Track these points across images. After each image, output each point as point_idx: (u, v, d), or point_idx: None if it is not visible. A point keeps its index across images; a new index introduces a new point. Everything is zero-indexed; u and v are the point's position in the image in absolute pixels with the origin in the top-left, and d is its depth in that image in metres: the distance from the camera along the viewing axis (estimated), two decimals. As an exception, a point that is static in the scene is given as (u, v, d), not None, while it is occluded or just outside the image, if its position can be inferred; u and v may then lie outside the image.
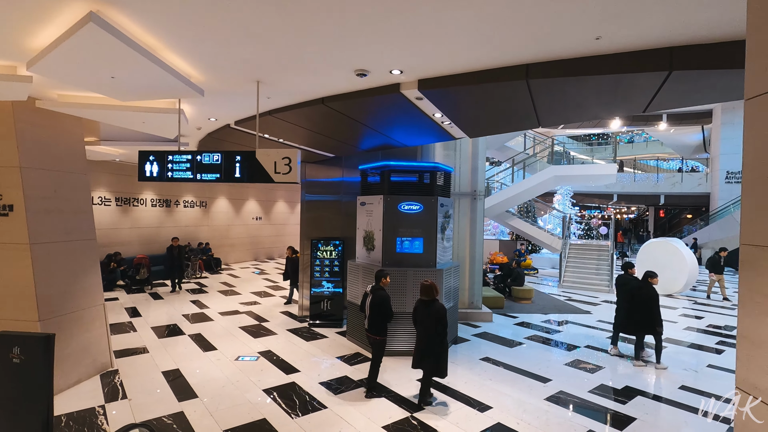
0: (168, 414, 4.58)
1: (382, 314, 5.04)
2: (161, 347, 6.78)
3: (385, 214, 6.68)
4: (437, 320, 4.67)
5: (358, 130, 5.99)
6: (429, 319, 4.72)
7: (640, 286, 6.47)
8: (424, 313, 4.79)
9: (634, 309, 6.39)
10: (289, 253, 10.18)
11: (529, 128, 5.06)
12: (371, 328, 5.16)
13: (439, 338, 4.68)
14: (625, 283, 6.75)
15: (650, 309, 6.19)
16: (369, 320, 5.15)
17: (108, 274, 11.28)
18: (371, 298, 5.16)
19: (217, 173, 4.45)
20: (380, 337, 5.15)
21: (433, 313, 4.70)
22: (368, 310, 5.18)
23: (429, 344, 4.74)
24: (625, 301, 6.62)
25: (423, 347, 4.79)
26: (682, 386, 5.62)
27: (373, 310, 5.09)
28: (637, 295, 6.38)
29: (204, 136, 7.32)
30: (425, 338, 4.77)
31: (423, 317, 4.79)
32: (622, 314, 6.69)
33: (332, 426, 4.40)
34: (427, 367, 4.81)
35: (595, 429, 4.43)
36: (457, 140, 8.91)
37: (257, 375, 5.72)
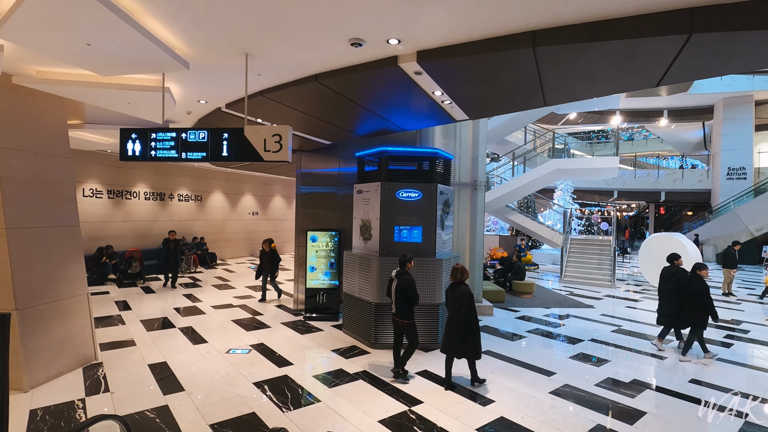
0: (151, 408, 4.32)
1: (409, 298, 5.10)
2: (149, 340, 6.52)
3: (383, 202, 6.42)
4: (462, 302, 4.75)
5: (354, 113, 5.72)
6: (455, 301, 4.85)
7: (689, 278, 6.25)
8: (452, 296, 4.92)
9: (685, 302, 6.17)
10: (266, 247, 9.43)
11: (534, 107, 4.81)
12: (398, 312, 5.20)
13: (464, 320, 4.76)
14: (672, 275, 6.51)
15: (700, 301, 5.96)
16: (396, 305, 5.19)
17: (99, 267, 11.02)
18: (397, 283, 5.18)
19: (203, 152, 4.18)
20: (408, 321, 5.19)
21: (458, 296, 4.80)
22: (394, 294, 5.20)
23: (457, 326, 4.84)
24: (670, 293, 6.41)
25: (451, 330, 4.92)
26: (692, 380, 5.38)
27: (400, 295, 5.13)
28: (687, 287, 6.16)
29: (195, 122, 7.05)
30: (453, 321, 4.89)
31: (451, 300, 4.93)
32: (668, 307, 6.46)
33: (325, 420, 4.15)
34: (456, 350, 4.90)
35: (603, 423, 4.19)
36: (457, 129, 8.67)
37: (248, 368, 5.47)
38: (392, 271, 5.39)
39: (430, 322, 6.33)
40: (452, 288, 4.98)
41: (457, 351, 4.91)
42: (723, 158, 21.53)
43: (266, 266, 9.39)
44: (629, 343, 6.87)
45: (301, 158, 8.81)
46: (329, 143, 7.94)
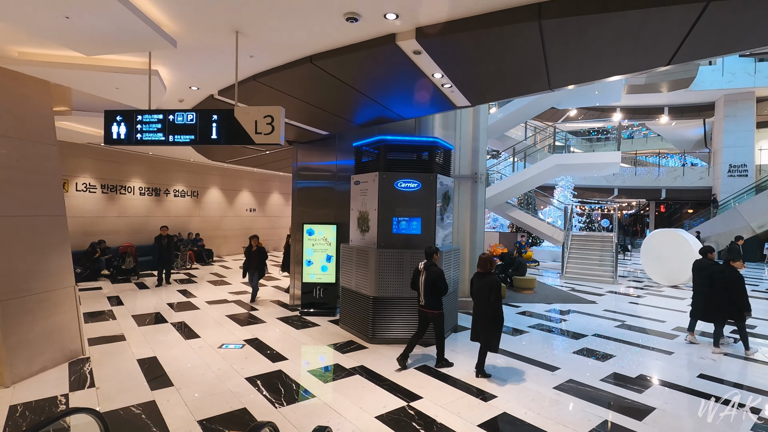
0: (138, 403, 4.13)
1: (438, 289, 5.10)
2: (140, 335, 6.32)
3: (381, 193, 6.22)
4: (490, 291, 4.77)
5: (351, 99, 5.53)
6: (482, 290, 4.84)
7: (721, 270, 6.11)
8: (479, 285, 4.91)
9: (713, 294, 6.06)
10: (254, 244, 8.87)
11: (538, 90, 4.62)
12: (427, 303, 5.18)
13: (491, 309, 4.78)
14: (704, 268, 6.40)
15: (734, 293, 5.83)
16: (424, 296, 5.18)
17: (92, 263, 10.80)
18: (425, 275, 5.16)
19: (191, 135, 3.98)
20: (437, 311, 5.19)
21: (486, 285, 4.82)
22: (423, 286, 5.18)
23: (483, 315, 4.85)
24: (702, 286, 6.31)
25: (478, 319, 4.93)
26: (701, 374, 5.19)
27: (428, 286, 5.12)
28: (719, 280, 6.03)
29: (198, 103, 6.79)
30: (480, 310, 4.91)
31: (478, 289, 4.92)
32: (700, 300, 6.36)
33: (320, 416, 3.96)
34: (483, 339, 4.90)
35: (611, 419, 4.00)
36: (457, 120, 8.48)
37: (241, 363, 5.27)
38: (419, 263, 5.36)
39: (429, 316, 6.13)
40: (479, 277, 4.99)
41: (482, 338, 4.91)
42: (724, 155, 21.37)
43: (254, 264, 8.79)
44: (634, 338, 6.69)
45: (297, 152, 8.61)
46: (326, 134, 7.74)
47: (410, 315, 6.09)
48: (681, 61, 3.71)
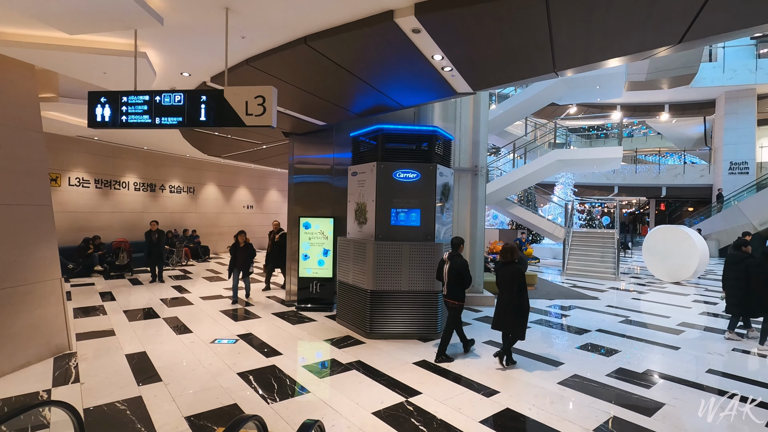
0: (123, 399, 3.94)
1: (462, 279, 5.08)
2: (130, 330, 6.13)
3: (379, 183, 6.04)
4: (514, 280, 4.78)
5: (347, 85, 5.34)
6: (507, 279, 4.85)
7: (758, 263, 5.99)
8: (503, 275, 4.92)
9: (754, 288, 5.93)
10: (242, 240, 8.18)
11: (542, 73, 4.44)
12: (449, 293, 5.18)
13: (516, 298, 4.78)
14: (738, 261, 6.26)
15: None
16: (447, 286, 5.19)
17: (85, 258, 10.60)
18: (449, 265, 5.17)
19: (179, 117, 3.80)
20: (459, 302, 5.17)
21: (509, 274, 4.83)
22: (446, 276, 5.19)
23: (508, 304, 4.85)
24: (737, 281, 6.17)
25: (502, 308, 4.93)
26: (709, 370, 5.02)
27: (452, 277, 5.11)
28: (757, 273, 5.90)
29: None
30: (504, 300, 4.91)
31: (502, 279, 4.93)
32: (736, 296, 6.19)
33: (314, 412, 3.77)
34: (507, 328, 4.90)
35: (618, 414, 3.82)
36: (457, 111, 8.30)
37: (233, 358, 5.08)
38: (444, 253, 5.43)
39: (428, 310, 5.95)
40: (502, 267, 5.00)
41: (508, 327, 4.90)
42: (725, 153, 21.24)
43: (241, 262, 8.12)
44: (638, 333, 6.51)
45: (293, 145, 8.42)
46: (323, 125, 7.55)
47: (409, 309, 5.91)
48: (692, 39, 3.53)
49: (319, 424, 2.10)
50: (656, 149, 30.43)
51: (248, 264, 8.26)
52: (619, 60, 4.13)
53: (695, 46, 3.89)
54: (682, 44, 3.62)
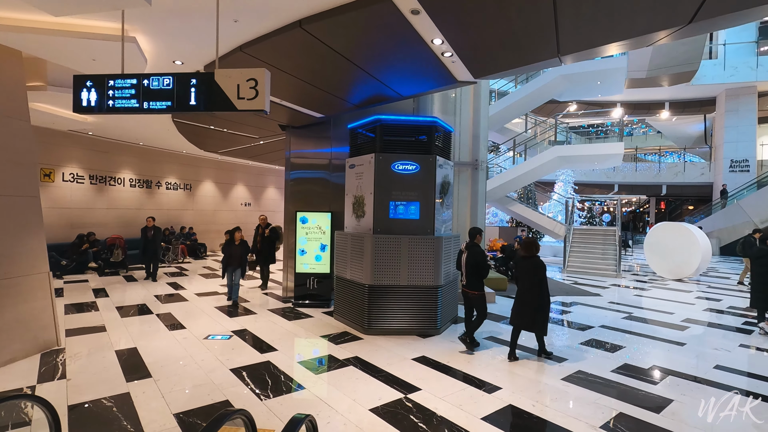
0: (110, 395, 3.78)
1: (480, 269, 5.09)
2: (122, 326, 5.97)
3: (377, 175, 5.89)
4: (536, 274, 4.75)
5: (344, 73, 5.19)
6: (528, 273, 4.81)
7: None
8: (524, 268, 4.88)
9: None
10: (238, 237, 7.49)
11: (546, 58, 4.29)
12: (468, 283, 5.18)
13: (537, 292, 4.75)
14: (763, 255, 6.31)
15: None
16: (466, 277, 5.19)
17: (79, 255, 10.43)
18: (467, 255, 5.19)
19: (168, 101, 3.64)
20: (479, 292, 5.17)
21: (531, 267, 4.80)
22: (465, 267, 5.20)
23: (528, 298, 4.81)
24: (763, 275, 6.24)
25: (522, 302, 4.88)
26: (717, 365, 4.88)
27: (471, 267, 5.12)
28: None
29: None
30: (524, 293, 4.87)
31: (523, 272, 4.88)
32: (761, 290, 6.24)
33: (309, 408, 3.62)
34: (526, 322, 4.86)
35: (626, 411, 3.67)
36: (457, 104, 8.15)
37: (227, 354, 4.93)
38: (462, 243, 5.45)
39: (428, 306, 5.80)
40: (523, 261, 4.94)
41: (528, 324, 4.85)
42: (725, 150, 21.12)
43: (236, 261, 7.43)
44: (643, 329, 6.37)
45: (290, 139, 8.26)
46: (320, 117, 7.39)
47: (408, 305, 5.76)
48: (703, 19, 3.38)
49: (311, 419, 1.95)
50: (656, 147, 30.34)
51: (244, 263, 7.60)
52: (624, 44, 3.98)
53: (704, 30, 3.75)
54: (691, 25, 3.47)
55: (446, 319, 6.14)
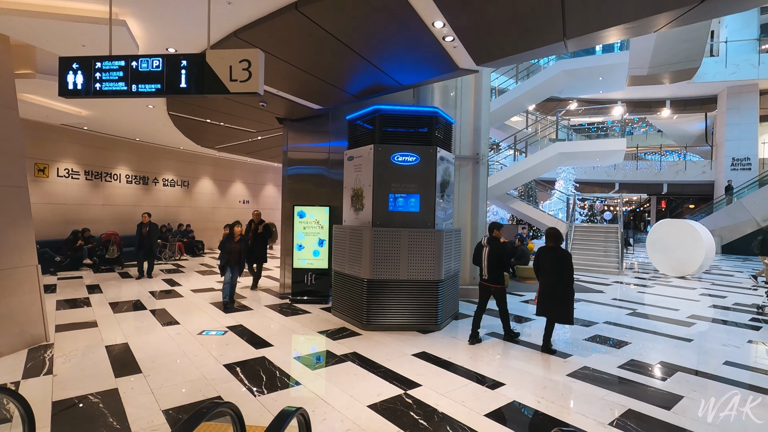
0: (97, 391, 3.62)
1: (502, 262, 5.14)
2: (114, 322, 5.81)
3: (376, 167, 5.74)
4: (563, 264, 4.72)
5: (342, 60, 5.03)
6: (555, 264, 4.76)
7: None
8: (549, 259, 4.85)
9: None
10: (239, 233, 6.97)
11: (551, 42, 4.14)
12: (490, 277, 5.21)
13: (564, 282, 4.73)
14: None
15: None
16: (488, 270, 5.22)
17: (74, 251, 10.26)
18: (489, 249, 5.23)
19: (157, 83, 3.48)
20: (500, 285, 5.22)
21: (557, 258, 4.76)
22: (486, 260, 5.22)
23: (555, 289, 4.79)
24: None
25: (548, 293, 4.84)
26: (726, 362, 4.73)
27: (493, 260, 5.16)
28: None
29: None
30: (550, 284, 4.83)
31: (548, 263, 4.85)
32: None
33: (304, 405, 3.46)
34: (553, 313, 4.82)
35: (635, 408, 3.52)
36: (458, 96, 8.00)
37: (221, 349, 4.77)
38: (482, 237, 5.42)
39: (428, 301, 5.65)
40: (549, 251, 4.90)
41: (556, 313, 4.80)
42: (727, 148, 20.98)
43: (236, 258, 6.87)
44: (648, 326, 6.22)
45: (288, 133, 8.11)
46: (318, 109, 7.23)
47: (408, 299, 5.61)
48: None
49: (302, 413, 1.80)
50: (657, 146, 30.21)
51: (243, 261, 7.11)
52: (632, 26, 3.82)
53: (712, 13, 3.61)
54: (704, 4, 3.32)
55: (447, 314, 5.99)
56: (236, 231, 6.98)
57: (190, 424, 1.60)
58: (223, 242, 7.01)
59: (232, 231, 6.98)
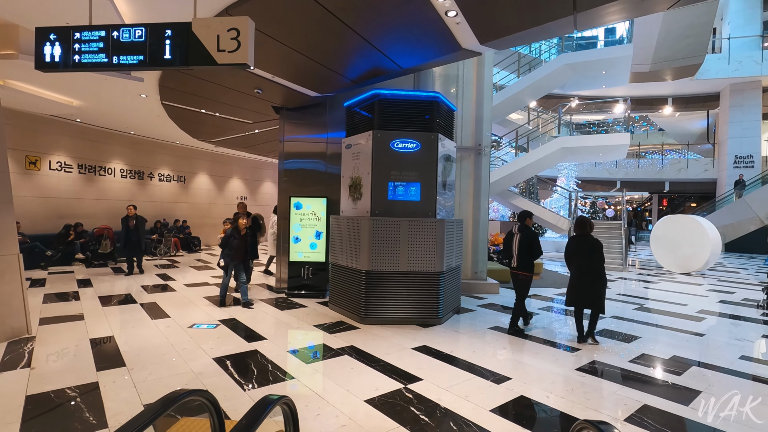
0: (76, 385, 3.39)
1: (533, 250, 5.16)
2: (101, 315, 5.58)
3: (375, 154, 5.51)
4: (594, 251, 4.70)
5: (340, 40, 4.80)
6: (586, 251, 4.73)
7: None
8: (580, 247, 4.81)
9: None
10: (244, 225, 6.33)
11: (560, 16, 3.91)
12: (520, 265, 5.22)
13: (596, 270, 4.71)
14: None
15: None
16: (518, 258, 5.23)
17: (65, 246, 10.02)
18: (519, 237, 5.24)
19: (140, 55, 3.25)
20: (529, 274, 5.22)
21: (589, 245, 4.74)
22: (516, 248, 5.24)
23: (586, 277, 4.74)
24: None
25: (579, 282, 4.79)
26: (742, 356, 4.50)
27: (524, 248, 5.17)
28: None
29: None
30: (581, 273, 4.79)
31: (579, 252, 4.80)
32: None
33: (296, 399, 3.20)
34: (584, 301, 4.79)
35: (651, 403, 3.29)
36: (459, 85, 7.77)
37: (211, 343, 4.54)
38: (513, 226, 5.41)
39: (429, 293, 5.42)
40: (580, 239, 4.87)
41: (592, 301, 4.74)
42: (730, 146, 20.78)
43: (241, 254, 6.24)
44: (657, 320, 6.00)
45: (284, 125, 7.87)
46: (316, 97, 7.01)
47: (408, 292, 5.38)
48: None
49: (286, 401, 1.57)
50: (659, 145, 30.00)
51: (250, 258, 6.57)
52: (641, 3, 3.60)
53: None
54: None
55: (448, 308, 5.76)
56: (241, 224, 6.26)
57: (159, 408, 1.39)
58: (227, 237, 6.25)
59: (236, 224, 6.28)
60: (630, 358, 4.34)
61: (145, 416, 1.28)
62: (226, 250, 6.21)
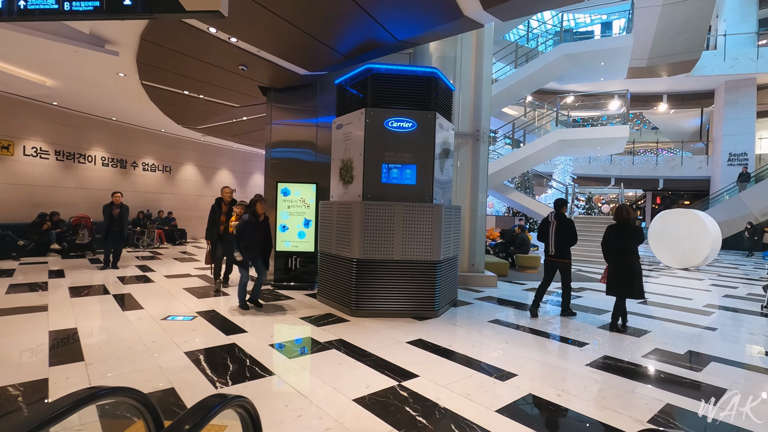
0: (21, 382, 2.95)
1: (570, 237, 5.21)
2: (68, 306, 5.11)
3: (368, 133, 5.10)
4: (634, 238, 4.66)
5: (332, 4, 4.38)
6: (624, 239, 4.68)
7: None
8: (618, 235, 4.76)
9: None
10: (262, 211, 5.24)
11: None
12: (557, 252, 5.28)
13: (635, 258, 4.67)
14: None
15: None
16: (555, 245, 5.28)
17: (40, 236, 9.47)
18: (556, 225, 5.28)
19: (95, 1, 2.80)
20: (567, 260, 5.29)
21: (629, 232, 4.69)
22: (553, 236, 5.29)
23: (625, 265, 4.67)
24: None
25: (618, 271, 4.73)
26: (767, 352, 4.19)
27: (561, 235, 5.21)
28: None
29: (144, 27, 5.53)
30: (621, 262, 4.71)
31: (617, 240, 4.75)
32: None
33: (275, 398, 2.83)
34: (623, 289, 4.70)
35: (674, 402, 2.94)
36: (457, 68, 7.38)
37: (185, 336, 4.11)
38: (549, 214, 5.44)
39: (425, 284, 5.03)
40: (618, 228, 4.81)
41: (634, 290, 4.65)
42: (724, 143, 20.71)
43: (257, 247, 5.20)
44: (665, 314, 5.69)
45: (272, 108, 7.43)
46: (305, 75, 6.58)
47: (402, 282, 4.99)
48: None
49: (242, 404, 1.16)
50: (653, 143, 29.95)
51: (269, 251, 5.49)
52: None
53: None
54: None
55: (445, 300, 5.38)
56: (260, 210, 5.19)
57: (69, 406, 0.99)
58: (242, 226, 5.08)
59: (254, 210, 5.17)
60: (643, 354, 4.00)
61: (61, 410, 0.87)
62: (243, 241, 5.06)
